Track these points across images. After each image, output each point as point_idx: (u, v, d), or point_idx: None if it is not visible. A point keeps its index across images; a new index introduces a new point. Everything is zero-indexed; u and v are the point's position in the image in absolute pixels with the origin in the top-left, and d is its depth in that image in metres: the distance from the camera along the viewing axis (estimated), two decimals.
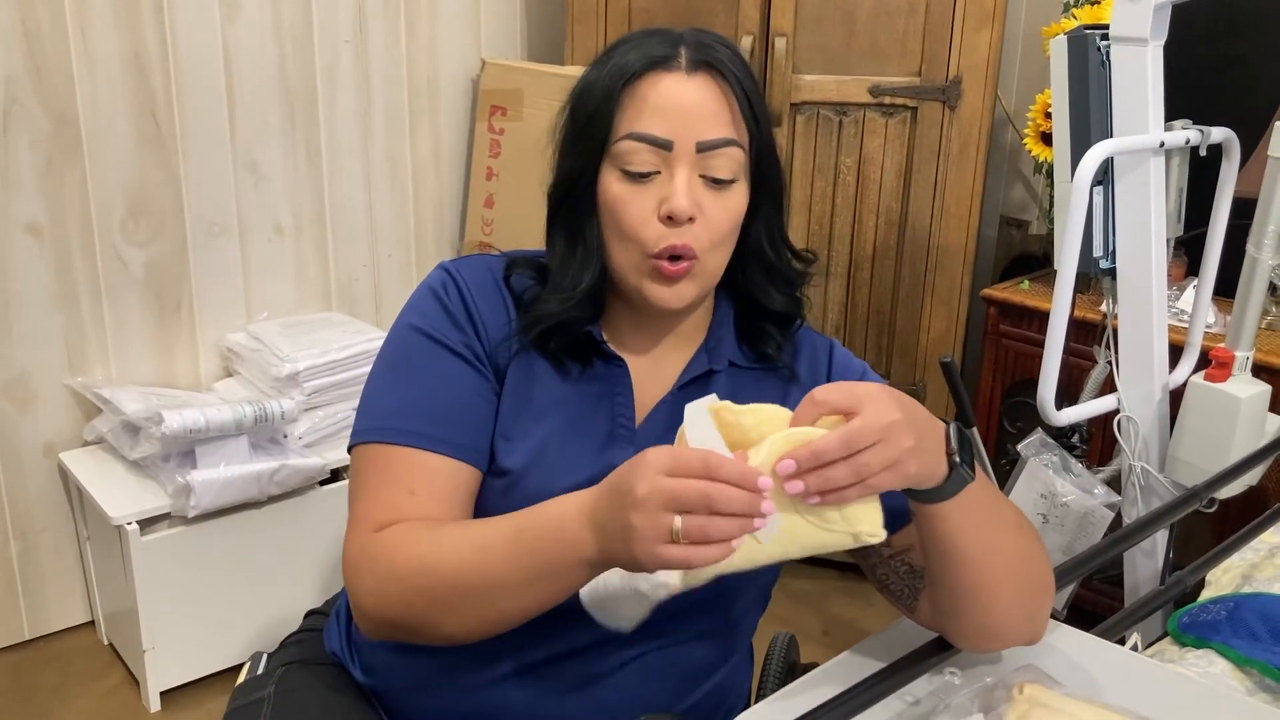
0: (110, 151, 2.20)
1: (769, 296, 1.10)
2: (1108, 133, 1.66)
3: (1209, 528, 2.04)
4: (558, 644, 1.04)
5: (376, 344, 2.32)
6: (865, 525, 0.86)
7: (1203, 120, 1.69)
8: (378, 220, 2.63)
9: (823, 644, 2.36)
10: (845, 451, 0.82)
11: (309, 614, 1.28)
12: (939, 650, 1.04)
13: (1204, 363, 1.76)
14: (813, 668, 1.09)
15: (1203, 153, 1.70)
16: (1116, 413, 1.77)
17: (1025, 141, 2.40)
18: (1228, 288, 1.78)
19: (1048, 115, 2.29)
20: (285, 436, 2.22)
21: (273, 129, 2.41)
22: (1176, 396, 1.76)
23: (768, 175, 1.06)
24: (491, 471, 1.04)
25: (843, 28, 2.33)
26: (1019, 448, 1.84)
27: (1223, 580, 1.44)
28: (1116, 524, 1.76)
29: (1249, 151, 1.81)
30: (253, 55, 2.34)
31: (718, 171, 1.01)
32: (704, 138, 0.99)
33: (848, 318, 2.52)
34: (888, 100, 2.35)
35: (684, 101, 0.99)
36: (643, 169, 1.00)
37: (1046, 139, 2.32)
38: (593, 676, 1.05)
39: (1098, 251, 1.71)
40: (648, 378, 1.09)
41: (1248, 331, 1.74)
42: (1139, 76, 1.62)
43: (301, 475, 2.17)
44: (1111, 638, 1.20)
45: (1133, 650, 1.22)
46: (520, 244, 1.20)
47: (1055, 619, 1.10)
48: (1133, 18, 1.60)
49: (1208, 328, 2.00)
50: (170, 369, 2.38)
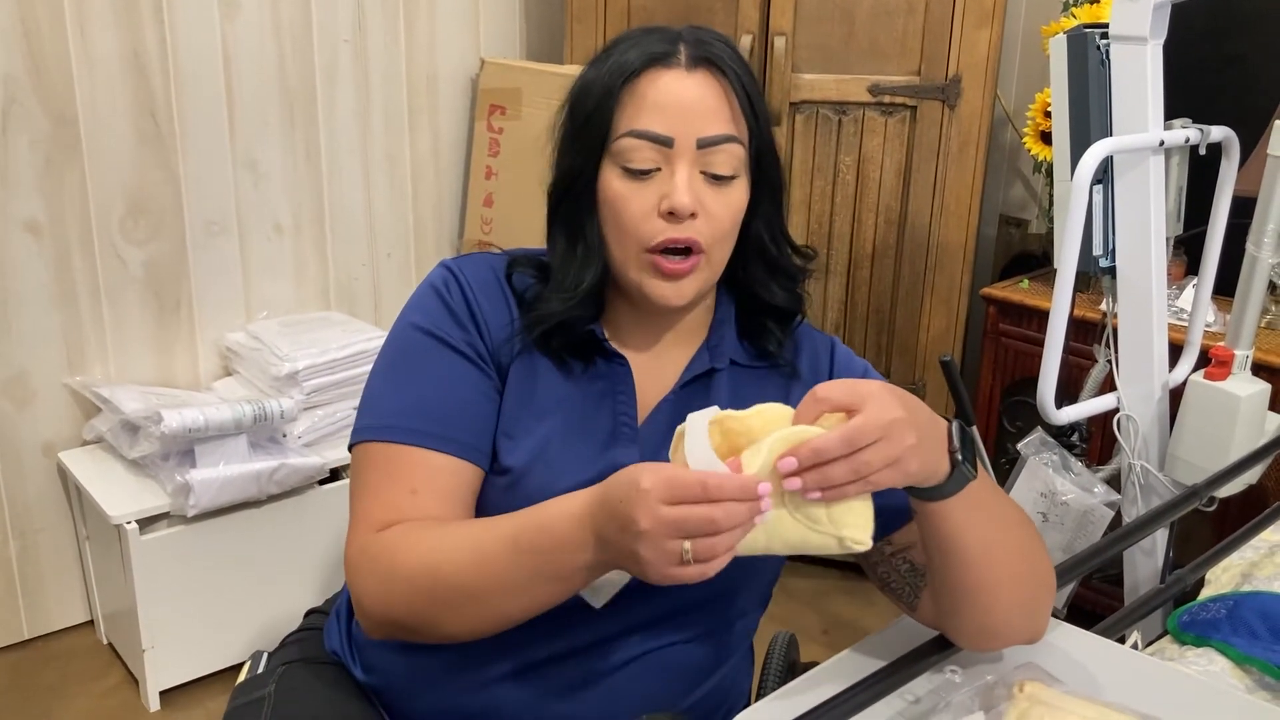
0: (109, 151, 2.20)
1: (770, 292, 1.10)
2: (1107, 131, 1.66)
3: (1209, 526, 2.04)
4: (558, 643, 1.04)
5: (376, 343, 2.32)
6: (851, 531, 0.85)
7: (1202, 119, 1.69)
8: (377, 219, 2.63)
9: (822, 643, 2.36)
10: (846, 449, 0.82)
11: (309, 613, 1.28)
12: (939, 648, 1.04)
13: (1204, 361, 1.76)
14: (813, 667, 1.09)
15: (1202, 151, 1.70)
16: (1116, 411, 1.77)
17: (1025, 140, 2.40)
18: (1227, 286, 1.78)
19: (1047, 114, 2.30)
20: (284, 436, 2.22)
21: (272, 128, 2.40)
22: (1176, 395, 1.76)
23: (767, 171, 1.06)
24: (493, 470, 1.04)
25: (842, 27, 2.33)
26: (1019, 446, 1.84)
27: (1222, 579, 1.44)
28: (1116, 523, 1.76)
29: (1248, 150, 1.81)
30: (252, 54, 2.34)
31: (718, 168, 1.01)
32: (704, 134, 0.99)
33: (847, 316, 2.52)
34: (887, 99, 2.35)
35: (684, 98, 0.99)
36: (643, 166, 1.00)
37: (1046, 138, 2.33)
38: (593, 675, 1.05)
39: (1097, 250, 1.71)
40: (650, 376, 1.09)
41: (1247, 330, 1.74)
42: (1138, 75, 1.62)
43: (301, 474, 2.17)
44: (1112, 636, 1.20)
45: (1133, 649, 1.22)
46: (519, 243, 1.20)
47: (1055, 617, 1.11)
48: (1132, 16, 1.60)
49: (1207, 326, 2.00)
50: (169, 368, 2.38)
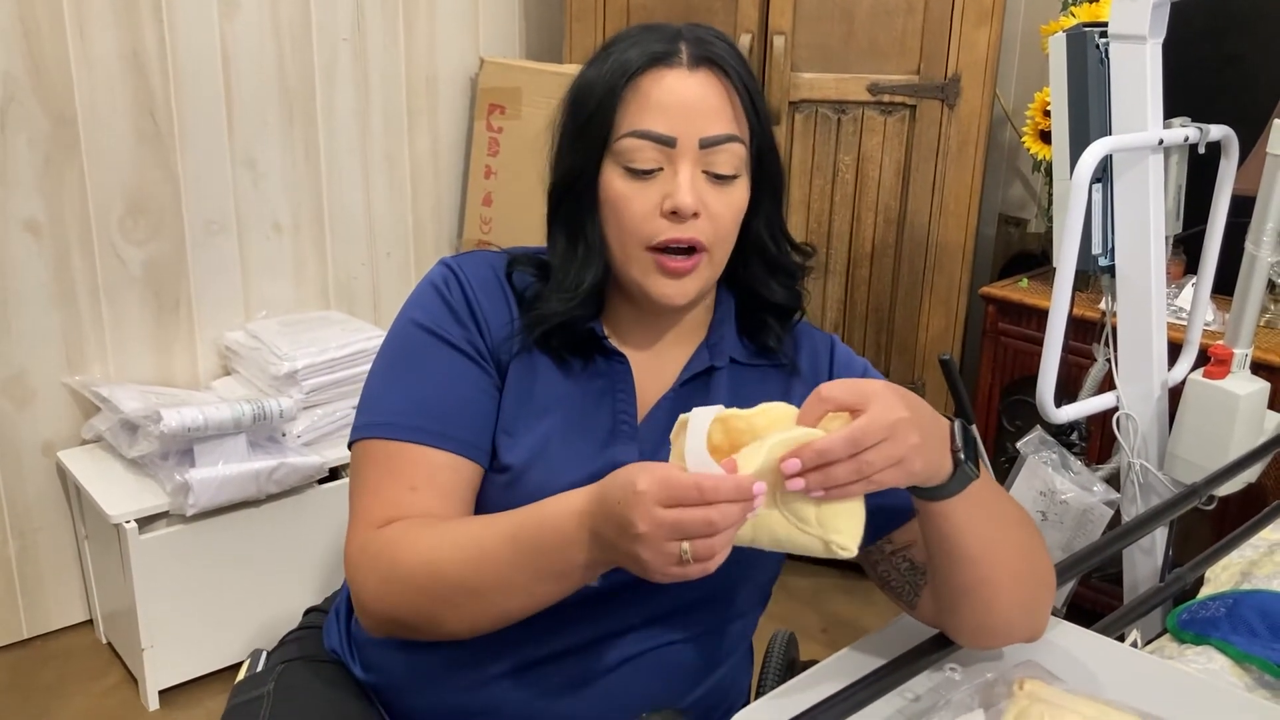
0: (109, 150, 2.20)
1: (770, 290, 1.10)
2: (1106, 130, 1.66)
3: (1208, 525, 2.04)
4: (558, 641, 1.04)
5: (375, 342, 2.32)
6: (838, 535, 0.85)
7: (1201, 118, 1.69)
8: (376, 219, 2.63)
9: (822, 642, 2.36)
10: (850, 450, 0.82)
11: (308, 611, 1.28)
12: (939, 646, 1.04)
13: (1203, 360, 1.76)
14: (812, 665, 1.09)
15: (1201, 150, 1.70)
16: (1115, 410, 1.77)
17: (1024, 139, 2.40)
18: (1226, 285, 1.79)
19: (1046, 113, 2.30)
20: (284, 435, 2.22)
21: (271, 127, 2.40)
22: (1175, 394, 1.76)
23: (768, 170, 1.06)
24: (493, 467, 1.04)
25: (841, 26, 2.33)
26: (1018, 445, 1.84)
27: (1222, 577, 1.44)
28: (1115, 521, 1.76)
29: (1247, 149, 1.81)
30: (251, 54, 2.34)
31: (720, 167, 1.01)
32: (707, 134, 0.99)
33: (846, 316, 2.52)
34: (886, 98, 2.35)
35: (686, 98, 0.99)
36: (646, 166, 1.00)
37: (1045, 137, 2.33)
38: (593, 673, 1.05)
39: (1097, 249, 1.71)
40: (649, 374, 1.09)
41: (1246, 329, 1.74)
42: (1138, 74, 1.62)
43: (300, 474, 2.17)
44: (1111, 634, 1.20)
45: (1132, 647, 1.22)
46: (519, 242, 1.20)
47: (1055, 616, 1.11)
48: (1131, 15, 1.60)
49: (1206, 325, 2.00)
50: (169, 367, 2.38)
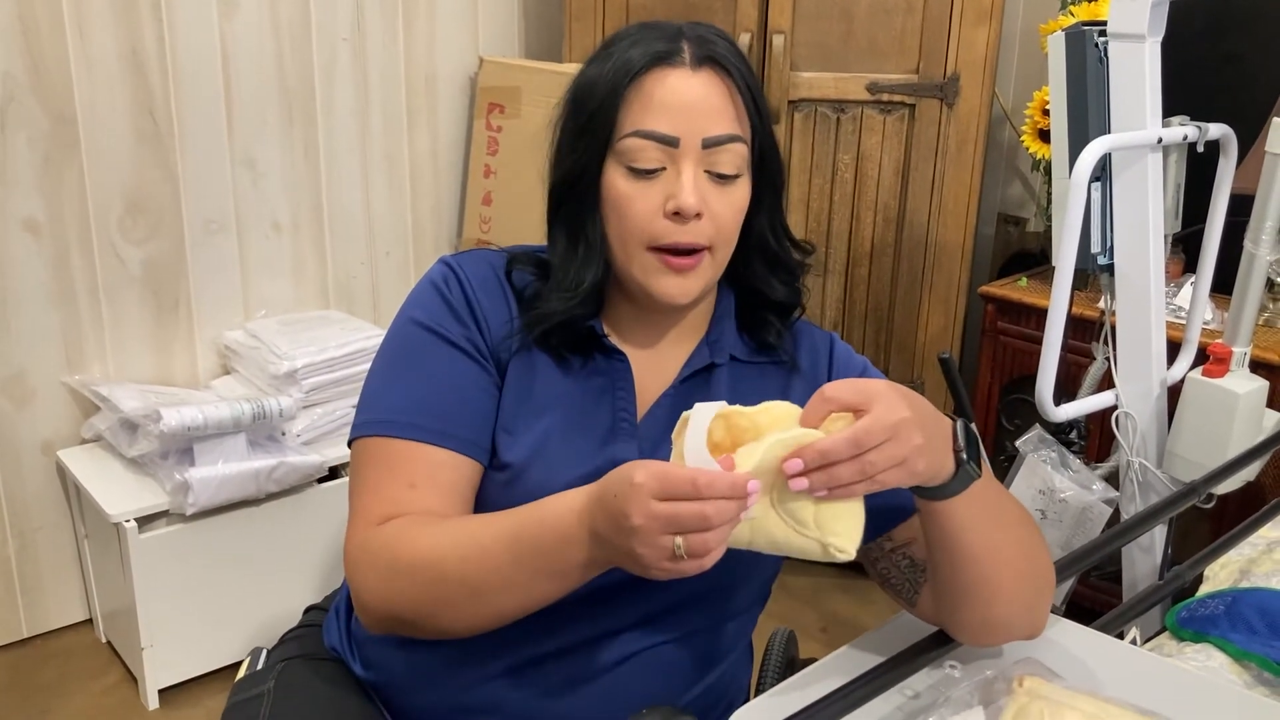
0: (108, 149, 2.20)
1: (771, 287, 1.11)
2: (1105, 129, 1.66)
3: (1207, 523, 2.04)
4: (558, 639, 1.04)
5: (374, 341, 2.32)
6: (836, 538, 0.85)
7: (1200, 117, 1.69)
8: (375, 218, 2.63)
9: (821, 641, 2.36)
10: (853, 451, 0.82)
11: (308, 609, 1.28)
12: (939, 644, 1.04)
13: (1202, 358, 1.76)
14: (811, 663, 1.09)
15: (1200, 149, 1.70)
16: (1114, 409, 1.77)
17: (1023, 138, 2.40)
18: (1225, 284, 1.79)
19: (1045, 112, 2.30)
20: (283, 434, 2.22)
21: (271, 127, 2.40)
22: (1175, 392, 1.76)
23: (769, 168, 1.06)
24: (493, 465, 1.04)
25: (841, 25, 2.34)
26: (1017, 444, 1.85)
27: (1220, 575, 1.44)
28: (1115, 520, 1.76)
29: (1246, 148, 1.81)
30: (251, 53, 2.34)
31: (723, 167, 1.01)
32: (709, 134, 0.99)
33: (846, 315, 2.52)
34: (885, 97, 2.35)
35: (689, 98, 0.99)
36: (649, 166, 1.00)
37: (1044, 136, 2.33)
38: (593, 671, 1.05)
39: (1096, 248, 1.71)
40: (649, 372, 1.09)
41: (1245, 327, 1.74)
42: (1136, 73, 1.62)
43: (300, 473, 2.17)
44: (1110, 632, 1.20)
45: (1131, 645, 1.22)
46: (518, 241, 1.20)
47: (1054, 614, 1.11)
48: (1130, 14, 1.60)
49: (1205, 324, 2.01)
50: (168, 367, 2.38)
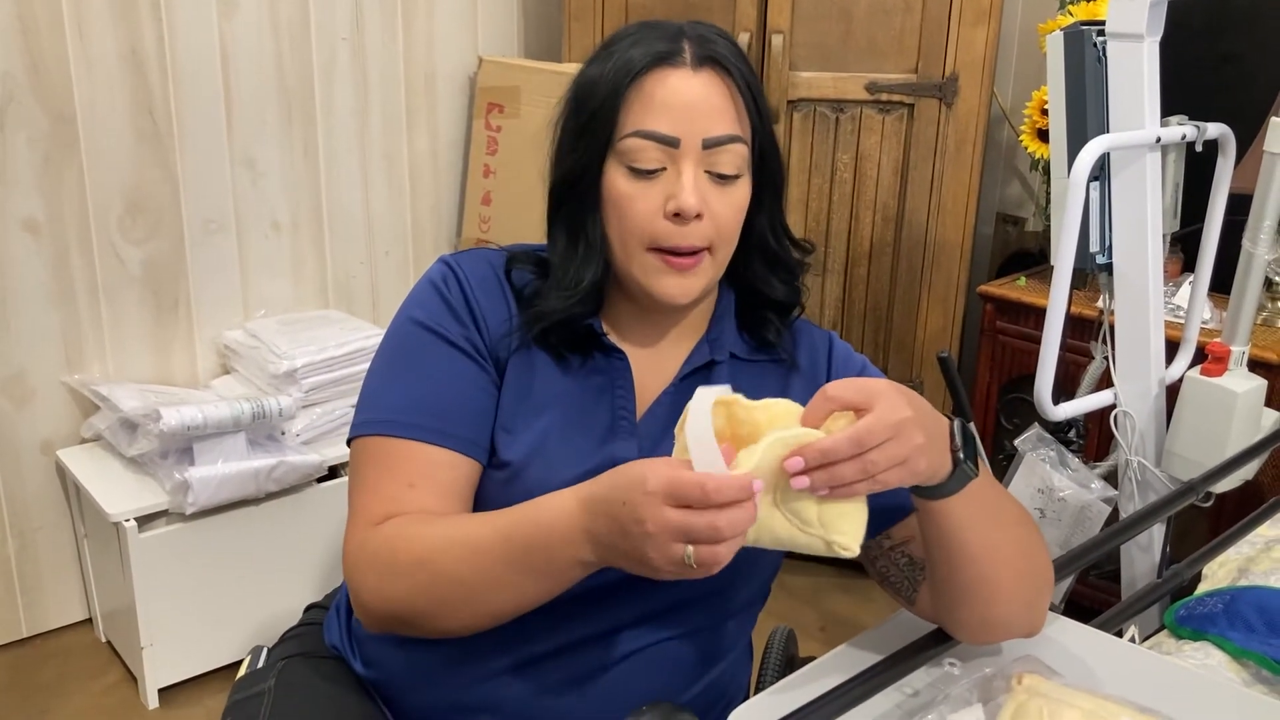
0: (108, 149, 2.20)
1: (771, 286, 1.11)
2: (1104, 129, 1.66)
3: (1205, 522, 2.05)
4: (559, 637, 1.04)
5: (374, 341, 2.32)
6: (840, 536, 0.85)
7: (1199, 116, 1.70)
8: (375, 217, 2.63)
9: (819, 640, 2.36)
10: (855, 450, 0.82)
11: (309, 608, 1.28)
12: (937, 642, 1.04)
13: (1200, 358, 1.77)
14: (811, 661, 1.09)
15: (1199, 149, 1.70)
16: (1113, 408, 1.78)
17: (1022, 138, 2.40)
18: (1224, 283, 1.79)
19: (1044, 112, 2.30)
20: (283, 433, 2.22)
21: (270, 126, 2.41)
22: (1173, 391, 1.76)
23: (770, 168, 1.06)
24: (492, 464, 1.04)
25: (840, 25, 2.34)
26: (1016, 443, 1.85)
27: (1219, 574, 1.44)
28: (1113, 519, 1.77)
29: (1245, 147, 1.81)
30: (250, 53, 2.34)
31: (723, 167, 1.01)
32: (710, 134, 1.00)
33: (845, 314, 2.52)
34: (884, 97, 2.35)
35: (690, 98, 0.99)
36: (649, 166, 1.00)
37: (1043, 135, 2.33)
38: (593, 670, 1.06)
39: (1094, 247, 1.71)
40: (649, 370, 1.09)
41: (1243, 326, 1.75)
42: (1135, 72, 1.62)
43: (299, 472, 2.17)
44: (1109, 630, 1.20)
45: (1130, 643, 1.22)
46: (518, 241, 1.20)
47: (1053, 612, 1.11)
48: (1129, 14, 1.60)
49: (1204, 323, 2.01)
50: (168, 366, 2.38)
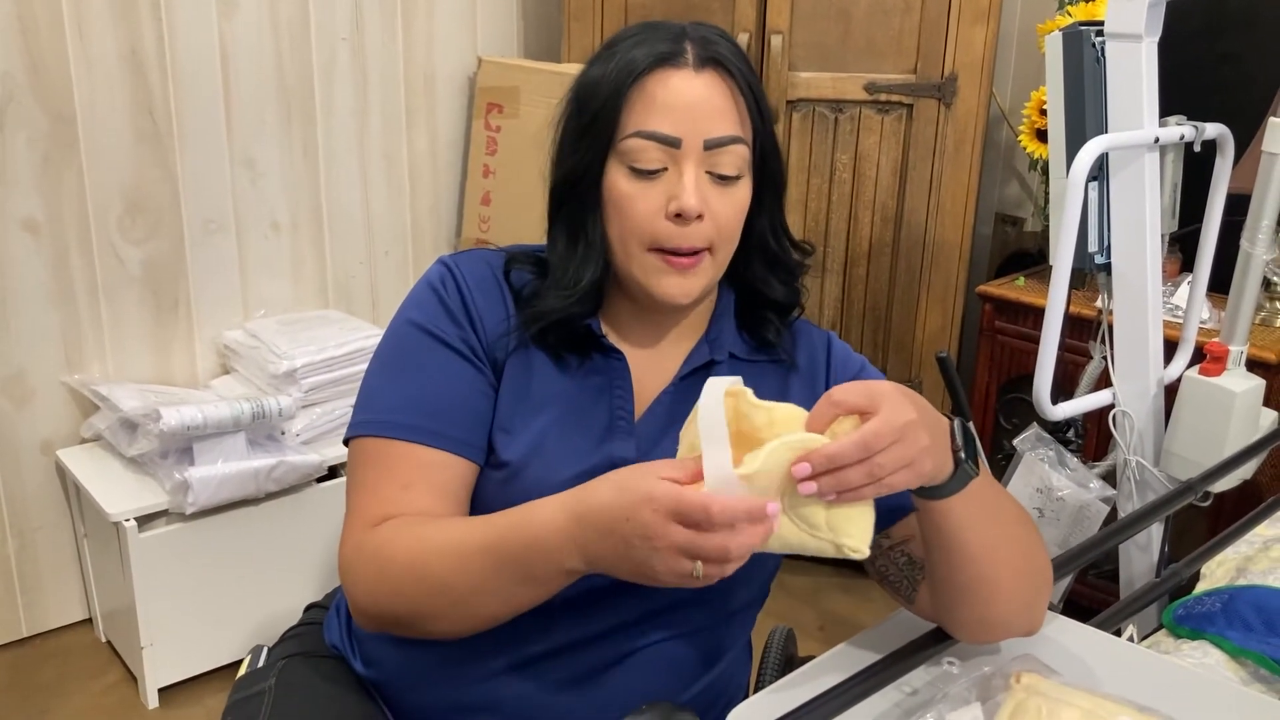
0: (107, 149, 2.20)
1: (770, 287, 1.11)
2: (1103, 129, 1.67)
3: (1204, 521, 2.05)
4: (557, 638, 1.04)
5: (373, 341, 2.31)
6: (850, 539, 0.86)
7: (1197, 116, 1.70)
8: (374, 217, 2.63)
9: (818, 639, 2.36)
10: (862, 454, 0.83)
11: (309, 607, 1.28)
12: (936, 641, 1.04)
13: (1198, 357, 1.77)
14: (810, 661, 1.09)
15: (1197, 149, 1.70)
16: (1112, 407, 1.78)
17: (1020, 138, 2.40)
18: (1222, 283, 1.79)
19: (1043, 112, 2.30)
20: (283, 433, 2.22)
21: (270, 126, 2.41)
22: (1171, 391, 1.77)
23: (770, 169, 1.07)
24: (490, 464, 1.05)
25: (839, 25, 2.34)
26: (1015, 442, 1.85)
27: (1217, 573, 1.44)
28: (1112, 518, 1.77)
29: (1243, 147, 1.81)
30: (250, 53, 2.34)
31: (724, 168, 1.01)
32: (711, 135, 1.00)
33: (844, 314, 2.52)
34: (883, 97, 2.36)
35: (692, 99, 1.00)
36: (650, 166, 1.00)
37: (1042, 136, 2.33)
38: (592, 670, 1.06)
39: (1093, 247, 1.71)
40: (648, 370, 1.09)
41: (1242, 326, 1.75)
42: (1134, 73, 1.62)
43: (299, 472, 2.17)
44: (1108, 630, 1.20)
45: (1129, 642, 1.22)
46: (517, 241, 1.20)
47: (1052, 611, 1.11)
48: (1127, 14, 1.60)
49: (1202, 323, 2.01)
50: (167, 366, 2.38)
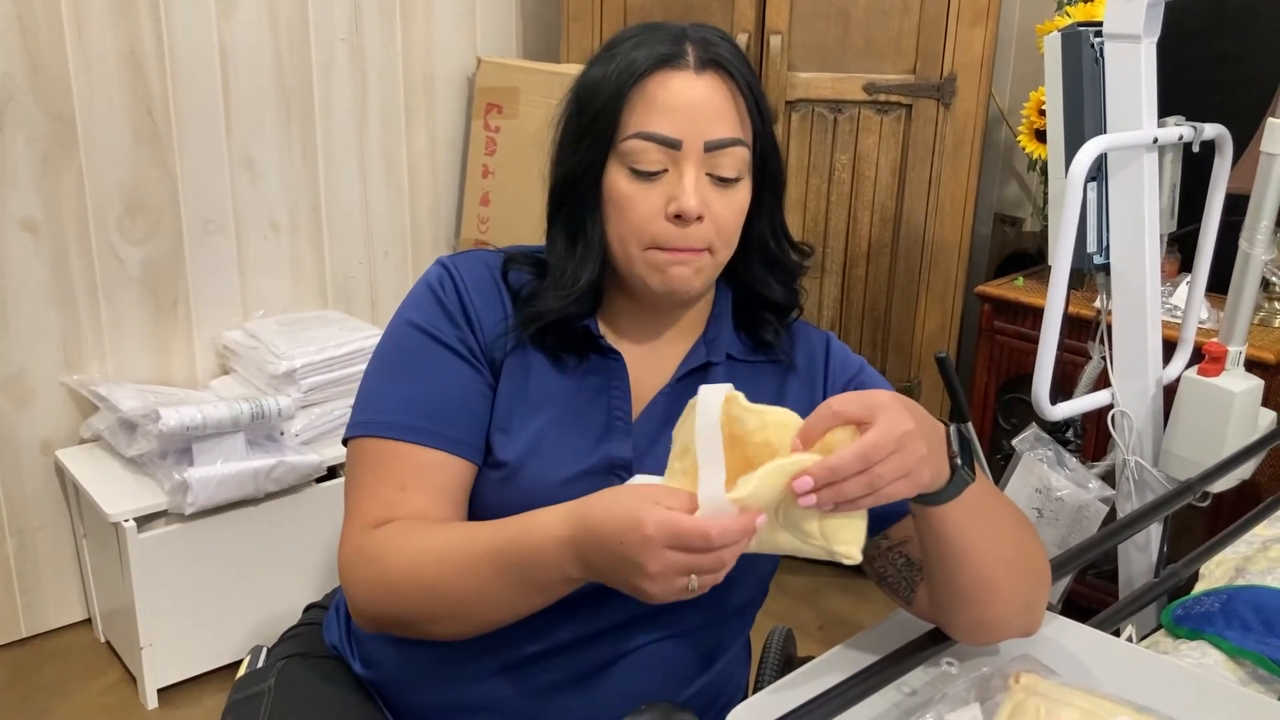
0: (106, 148, 2.20)
1: (769, 288, 1.11)
2: (1101, 129, 1.67)
3: (1202, 521, 2.05)
4: (555, 637, 1.05)
5: (372, 341, 2.31)
6: (843, 545, 0.86)
7: (1196, 117, 1.70)
8: (374, 218, 2.63)
9: (818, 639, 2.36)
10: (861, 466, 0.83)
11: (308, 608, 1.28)
12: (935, 642, 1.04)
13: (1197, 357, 1.77)
14: (809, 661, 1.09)
15: (1196, 149, 1.71)
16: (1111, 407, 1.78)
17: (1019, 138, 2.40)
18: (1221, 283, 1.79)
19: (1042, 112, 2.30)
20: (282, 434, 2.22)
21: (269, 126, 2.41)
22: (1170, 391, 1.77)
23: (770, 171, 1.07)
24: (488, 464, 1.05)
25: (838, 25, 2.34)
26: (1014, 443, 1.85)
27: (1216, 573, 1.44)
28: (1111, 518, 1.77)
29: (1241, 148, 1.82)
30: (249, 53, 2.34)
31: (724, 170, 1.01)
32: (711, 137, 1.00)
33: (843, 315, 2.52)
34: (882, 98, 2.36)
35: (693, 101, 1.00)
36: (651, 167, 1.00)
37: (1040, 136, 2.33)
38: (590, 670, 1.06)
39: (1092, 247, 1.71)
40: (645, 370, 1.10)
41: (1240, 326, 1.75)
42: (1132, 73, 1.63)
43: (298, 472, 2.17)
44: (1106, 630, 1.20)
45: (1127, 642, 1.22)
46: (516, 241, 1.20)
47: (1050, 611, 1.11)
48: (1126, 15, 1.60)
49: (1201, 323, 2.01)
50: (167, 366, 2.38)
